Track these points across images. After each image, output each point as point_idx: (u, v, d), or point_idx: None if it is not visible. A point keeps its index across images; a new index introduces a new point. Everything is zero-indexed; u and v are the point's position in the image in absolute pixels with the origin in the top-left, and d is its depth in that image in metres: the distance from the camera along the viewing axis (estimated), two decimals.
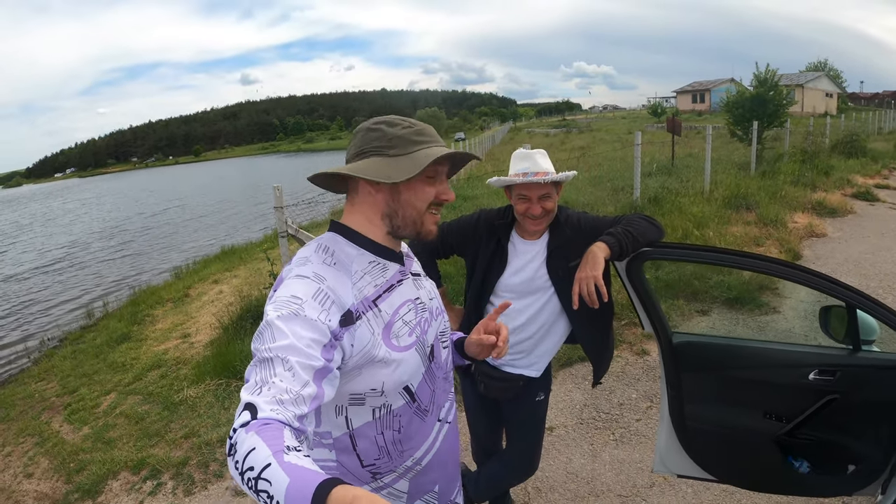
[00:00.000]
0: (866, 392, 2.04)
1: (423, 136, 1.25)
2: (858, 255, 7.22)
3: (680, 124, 14.34)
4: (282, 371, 0.99)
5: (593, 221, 2.16)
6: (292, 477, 0.80)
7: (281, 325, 1.05)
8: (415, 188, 1.25)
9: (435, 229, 1.30)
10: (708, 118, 44.08)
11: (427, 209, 1.27)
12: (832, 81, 61.56)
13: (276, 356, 1.01)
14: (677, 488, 3.02)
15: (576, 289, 1.86)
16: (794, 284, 2.03)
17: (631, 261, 2.08)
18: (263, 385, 0.97)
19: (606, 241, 1.93)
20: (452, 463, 1.47)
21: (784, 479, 2.21)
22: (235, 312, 5.89)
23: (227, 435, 3.66)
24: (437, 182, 1.27)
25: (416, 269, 1.42)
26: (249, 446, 0.86)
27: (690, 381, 2.21)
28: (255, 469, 0.83)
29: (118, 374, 5.52)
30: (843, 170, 13.61)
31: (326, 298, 1.13)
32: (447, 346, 1.44)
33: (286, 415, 0.94)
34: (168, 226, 22.31)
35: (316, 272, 1.16)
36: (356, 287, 1.20)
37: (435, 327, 1.38)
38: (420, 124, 1.27)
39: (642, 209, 8.76)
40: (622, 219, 2.10)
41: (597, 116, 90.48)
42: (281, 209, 5.56)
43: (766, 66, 16.66)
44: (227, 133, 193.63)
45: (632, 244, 1.97)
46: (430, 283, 1.45)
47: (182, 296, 8.71)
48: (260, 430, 0.88)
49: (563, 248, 2.11)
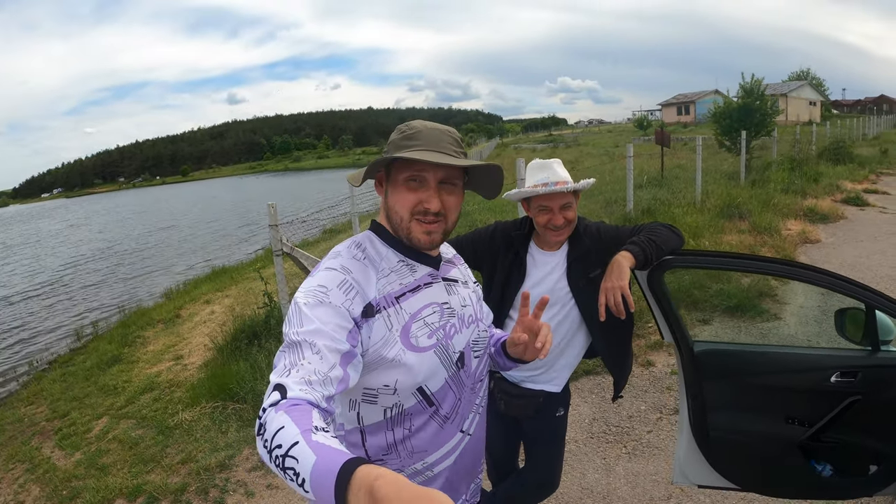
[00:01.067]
0: (887, 392, 2.03)
1: (411, 140, 1.24)
2: (853, 260, 7.26)
3: (669, 136, 14.43)
4: (310, 354, 1.04)
5: (613, 231, 2.12)
6: (319, 455, 0.81)
7: (308, 311, 1.10)
8: (396, 193, 1.26)
9: (426, 239, 1.26)
10: (693, 129, 44.57)
11: (412, 216, 1.24)
12: (815, 90, 62.57)
13: (303, 340, 1.06)
14: (695, 499, 2.96)
15: (602, 300, 1.82)
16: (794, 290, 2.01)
17: (653, 270, 2.04)
18: (292, 367, 1.02)
19: (631, 251, 1.88)
20: (471, 475, 1.45)
21: (807, 483, 2.19)
22: (229, 333, 5.79)
23: (226, 459, 3.55)
24: (422, 189, 1.23)
25: (453, 275, 1.41)
26: (278, 425, 0.88)
27: (712, 389, 2.16)
28: (283, 447, 0.85)
29: (110, 398, 5.37)
30: (832, 176, 13.79)
31: (351, 289, 1.17)
32: (479, 357, 1.42)
33: (315, 395, 0.98)
34: (157, 248, 22.01)
35: (343, 265, 1.21)
36: (381, 283, 1.23)
37: (466, 335, 1.36)
38: (419, 128, 1.26)
39: (636, 221, 8.76)
40: (643, 227, 2.06)
41: (583, 131, 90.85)
42: (276, 227, 5.48)
43: (752, 76, 16.86)
44: (214, 153, 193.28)
45: (656, 253, 1.92)
46: (469, 292, 1.43)
47: (173, 317, 8.58)
48: (289, 410, 0.91)
49: (583, 259, 2.06)
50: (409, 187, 1.24)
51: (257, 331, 5.55)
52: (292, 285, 5.88)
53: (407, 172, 1.23)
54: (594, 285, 1.99)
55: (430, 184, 1.23)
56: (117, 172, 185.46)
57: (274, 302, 5.71)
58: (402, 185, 1.24)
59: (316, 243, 13.53)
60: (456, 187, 1.27)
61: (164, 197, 72.28)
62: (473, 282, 1.49)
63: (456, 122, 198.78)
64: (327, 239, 14.39)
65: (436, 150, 1.22)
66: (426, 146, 1.22)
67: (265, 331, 5.49)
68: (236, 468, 3.69)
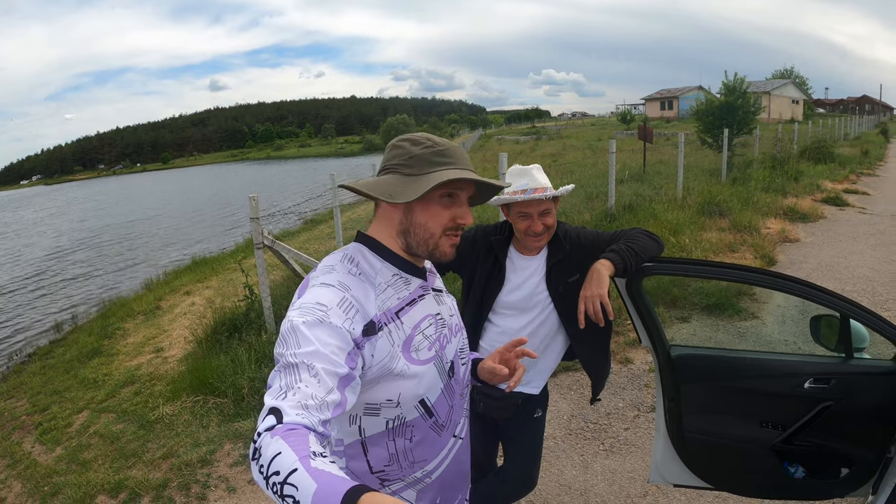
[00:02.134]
0: (858, 398, 2.09)
1: (444, 157, 1.24)
2: (832, 260, 7.38)
3: (651, 132, 14.53)
4: (307, 377, 1.01)
5: (592, 236, 2.15)
6: (319, 483, 0.80)
7: (306, 331, 1.06)
8: (429, 210, 1.25)
9: (451, 251, 1.28)
10: (676, 125, 44.83)
11: (443, 232, 1.26)
12: (798, 88, 63.13)
13: (301, 362, 1.03)
14: (671, 497, 3.02)
15: (581, 308, 1.85)
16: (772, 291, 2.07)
17: (631, 276, 2.07)
18: (288, 390, 0.99)
19: (611, 259, 1.91)
20: (461, 478, 1.48)
21: (780, 484, 2.25)
22: (209, 326, 5.75)
23: (207, 455, 3.54)
24: (456, 205, 1.26)
25: (438, 285, 1.43)
26: (275, 451, 0.86)
27: (688, 392, 2.21)
28: (282, 474, 0.83)
29: (90, 391, 5.33)
30: (813, 175, 13.97)
31: (351, 307, 1.14)
32: (466, 363, 1.45)
33: (311, 420, 0.96)
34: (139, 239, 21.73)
35: (341, 281, 1.18)
36: (379, 298, 1.22)
37: (455, 344, 1.38)
38: (444, 144, 1.26)
39: (618, 217, 8.83)
40: (622, 234, 2.08)
41: (566, 123, 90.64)
42: (257, 220, 5.45)
43: (735, 74, 17.04)
44: (195, 140, 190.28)
45: (635, 260, 1.95)
46: (452, 300, 1.45)
47: (153, 308, 8.51)
48: (285, 435, 0.89)
49: (563, 264, 2.09)
50: (444, 204, 1.25)
51: (237, 324, 5.52)
52: (272, 278, 5.87)
53: (444, 189, 1.24)
54: (573, 290, 2.02)
55: (462, 200, 1.27)
56: (97, 159, 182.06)
57: (255, 295, 5.68)
58: (437, 201, 1.25)
59: (297, 233, 13.49)
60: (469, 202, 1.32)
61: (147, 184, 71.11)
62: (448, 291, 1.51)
63: (439, 112, 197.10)
64: (309, 229, 14.34)
65: (468, 167, 1.26)
66: (461, 164, 1.25)
67: (245, 324, 5.46)
68: (218, 463, 3.69)
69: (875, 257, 7.49)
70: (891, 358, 2.11)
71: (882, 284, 6.35)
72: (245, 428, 4.01)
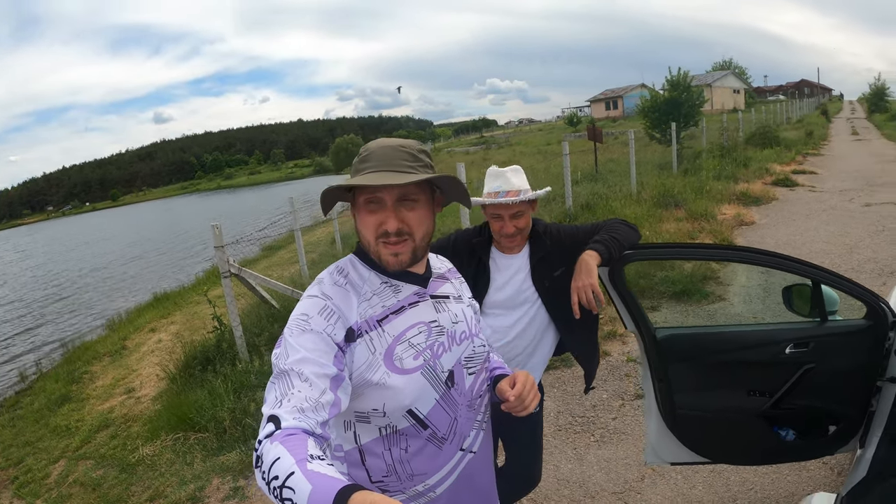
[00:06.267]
0: (837, 357, 2.20)
1: (364, 162, 1.23)
2: (788, 238, 7.67)
3: (601, 132, 14.80)
4: (299, 382, 1.06)
5: (571, 230, 2.20)
6: (315, 484, 0.83)
7: (292, 341, 1.13)
8: (360, 218, 1.26)
9: (393, 260, 1.23)
10: (623, 123, 45.93)
11: (376, 240, 1.23)
12: (738, 78, 65.57)
13: (291, 369, 1.08)
14: (667, 477, 3.08)
15: (575, 298, 1.89)
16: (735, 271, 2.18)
17: (613, 264, 2.12)
18: (283, 398, 1.04)
19: (596, 249, 1.96)
20: (479, 497, 1.43)
21: (773, 449, 2.34)
22: (180, 360, 5.61)
23: (196, 492, 3.43)
24: (381, 210, 1.21)
25: (444, 291, 1.39)
26: (274, 456, 0.91)
27: (677, 371, 2.27)
28: (280, 478, 0.87)
29: (64, 439, 5.12)
30: (761, 160, 14.51)
31: (332, 314, 1.18)
32: (475, 373, 1.39)
33: (309, 422, 1.00)
34: (94, 282, 20.94)
35: (324, 291, 1.22)
36: (362, 306, 1.24)
37: (456, 352, 1.34)
38: (371, 149, 1.24)
39: (577, 216, 8.98)
40: (602, 225, 2.14)
41: (514, 131, 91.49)
42: (222, 248, 5.37)
43: (679, 69, 17.61)
44: (143, 175, 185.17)
45: (618, 249, 2.02)
46: (462, 307, 1.41)
47: (119, 348, 8.27)
48: (284, 440, 0.93)
49: (546, 260, 2.13)
50: (369, 210, 1.22)
51: (210, 356, 5.39)
52: (240, 306, 5.78)
53: (364, 195, 1.22)
54: (559, 284, 2.07)
55: (387, 204, 1.21)
56: (45, 201, 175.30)
57: (224, 325, 5.56)
58: (363, 208, 1.23)
59: (257, 261, 13.28)
60: (417, 202, 1.23)
61: (97, 224, 68.67)
62: (469, 297, 1.48)
63: (387, 129, 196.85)
64: (268, 256, 14.14)
65: (388, 168, 1.19)
66: (378, 167, 1.20)
67: (218, 355, 5.33)
68: (208, 499, 3.58)
69: (829, 232, 7.83)
70: (862, 317, 2.22)
71: (839, 256, 6.64)
72: (231, 461, 3.89)
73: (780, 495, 2.85)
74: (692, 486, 3.00)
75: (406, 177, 1.18)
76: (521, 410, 1.30)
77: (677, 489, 2.99)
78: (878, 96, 41.40)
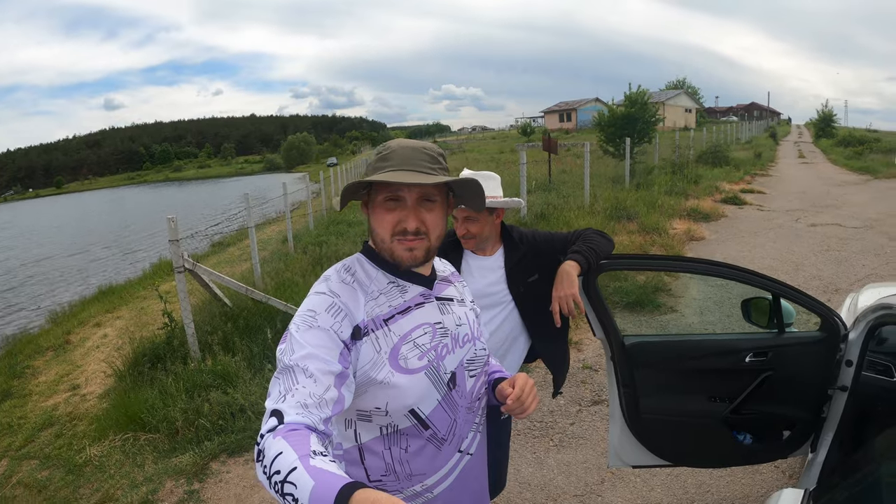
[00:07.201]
0: (793, 366, 2.33)
1: (384, 161, 1.24)
2: (737, 254, 8.01)
3: (556, 143, 15.04)
4: (304, 378, 1.07)
5: (547, 237, 2.25)
6: (317, 480, 0.84)
7: (298, 336, 1.13)
8: (376, 215, 1.27)
9: (408, 256, 1.25)
10: (576, 136, 46.74)
11: (392, 237, 1.25)
12: (690, 98, 67.82)
13: (296, 365, 1.09)
14: (626, 480, 3.18)
15: (555, 307, 1.94)
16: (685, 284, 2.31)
17: (588, 273, 2.18)
18: (287, 393, 1.04)
19: (576, 259, 2.02)
20: (473, 497, 1.45)
21: (731, 452, 2.47)
22: (128, 357, 5.42)
23: (148, 495, 3.29)
24: (400, 208, 1.24)
25: (448, 293, 1.41)
26: (277, 451, 0.91)
27: (643, 377, 2.36)
28: (282, 473, 0.87)
29: (6, 437, 4.84)
30: (711, 178, 15.06)
31: (339, 311, 1.19)
32: (475, 376, 1.40)
33: (312, 419, 1.01)
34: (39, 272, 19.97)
35: (331, 289, 1.23)
36: (369, 305, 1.25)
37: (459, 355, 1.36)
38: (392, 148, 1.26)
39: (531, 226, 9.10)
40: (577, 234, 2.21)
41: (467, 137, 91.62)
42: (177, 242, 5.22)
43: (639, 86, 18.07)
44: (90, 162, 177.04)
45: (595, 259, 2.08)
46: (465, 310, 1.43)
47: (62, 343, 7.89)
48: (287, 435, 0.94)
49: (521, 265, 2.18)
50: (388, 208, 1.24)
51: (160, 353, 5.22)
52: (192, 302, 5.63)
53: (384, 193, 1.23)
54: (533, 290, 2.13)
55: (407, 203, 1.23)
56: None
57: (175, 321, 5.40)
58: (381, 206, 1.24)
59: (206, 256, 12.94)
60: (435, 204, 1.26)
61: (41, 211, 65.44)
62: (471, 300, 1.49)
63: (340, 129, 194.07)
64: (217, 252, 13.79)
65: (409, 168, 1.21)
66: (399, 166, 1.21)
67: (168, 353, 5.16)
68: (162, 503, 3.47)
69: (777, 249, 8.21)
70: (817, 329, 2.37)
71: (785, 273, 6.96)
72: (184, 463, 3.77)
73: (734, 497, 2.99)
74: (651, 488, 3.11)
75: (430, 177, 1.20)
76: (520, 412, 1.31)
77: (636, 492, 3.10)
78: (825, 122, 43.20)
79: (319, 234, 12.22)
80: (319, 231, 12.76)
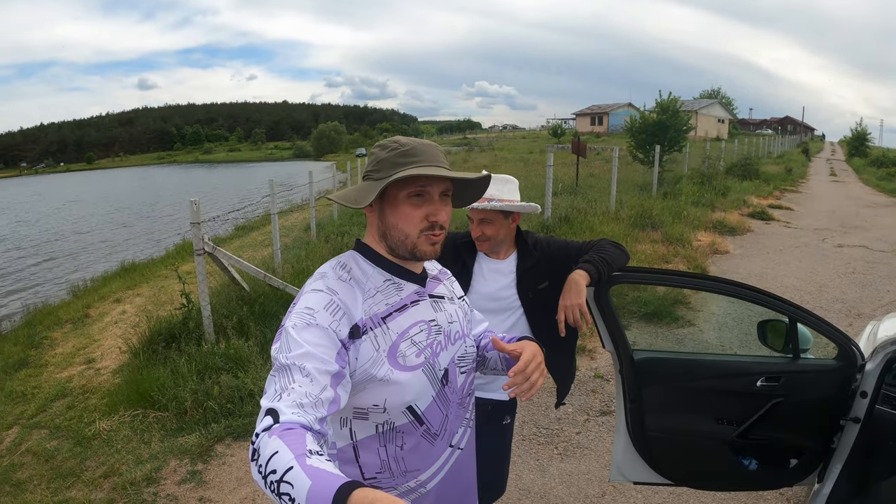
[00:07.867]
0: (805, 394, 2.26)
1: (407, 157, 1.23)
2: (760, 270, 7.83)
3: (585, 146, 14.94)
4: (300, 377, 1.05)
5: (561, 244, 2.21)
6: (314, 480, 0.83)
7: (296, 335, 1.11)
8: (398, 211, 1.25)
9: (432, 250, 1.27)
10: (606, 140, 46.34)
11: (420, 232, 1.25)
12: (724, 108, 66.64)
13: (293, 363, 1.07)
14: (628, 495, 3.13)
15: (561, 316, 1.90)
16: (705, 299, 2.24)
17: (600, 285, 2.14)
18: (283, 391, 1.03)
19: (587, 269, 1.97)
20: (464, 492, 1.46)
21: (735, 476, 2.40)
22: (145, 335, 5.48)
23: (152, 472, 3.34)
24: (427, 203, 1.24)
25: (439, 291, 1.42)
26: (272, 450, 0.90)
27: (650, 393, 2.31)
28: (278, 472, 0.86)
29: (19, 406, 4.95)
30: (739, 191, 14.80)
31: (338, 310, 1.18)
32: (465, 372, 1.43)
33: (307, 418, 1.00)
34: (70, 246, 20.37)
35: (329, 286, 1.22)
36: (367, 303, 1.24)
37: (451, 351, 1.37)
38: (413, 144, 1.26)
39: (553, 228, 9.04)
40: (592, 244, 2.16)
41: (497, 135, 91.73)
42: (198, 225, 5.26)
43: (669, 93, 17.84)
44: (121, 140, 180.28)
45: (607, 270, 2.03)
46: (456, 307, 1.44)
47: (82, 316, 8.03)
48: (282, 434, 0.93)
49: (533, 271, 2.14)
50: (414, 203, 1.24)
51: (175, 333, 5.27)
52: (210, 285, 5.68)
53: (410, 189, 1.23)
54: (542, 297, 2.09)
55: (434, 197, 1.25)
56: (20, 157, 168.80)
57: (192, 303, 5.46)
58: (405, 201, 1.24)
59: (229, 240, 13.09)
60: (449, 199, 1.29)
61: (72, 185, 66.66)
62: (459, 297, 1.50)
63: (371, 120, 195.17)
64: (240, 236, 13.94)
65: (438, 164, 1.24)
66: (429, 161, 1.23)
67: (183, 333, 5.21)
68: (164, 481, 3.51)
69: (801, 268, 8.01)
70: (833, 357, 2.29)
71: (808, 293, 6.80)
72: (190, 443, 3.83)
73: None
74: None
75: (461, 173, 1.25)
76: (527, 389, 1.28)
77: None
78: (858, 140, 42.24)
79: (343, 223, 12.30)
80: (343, 221, 12.84)
